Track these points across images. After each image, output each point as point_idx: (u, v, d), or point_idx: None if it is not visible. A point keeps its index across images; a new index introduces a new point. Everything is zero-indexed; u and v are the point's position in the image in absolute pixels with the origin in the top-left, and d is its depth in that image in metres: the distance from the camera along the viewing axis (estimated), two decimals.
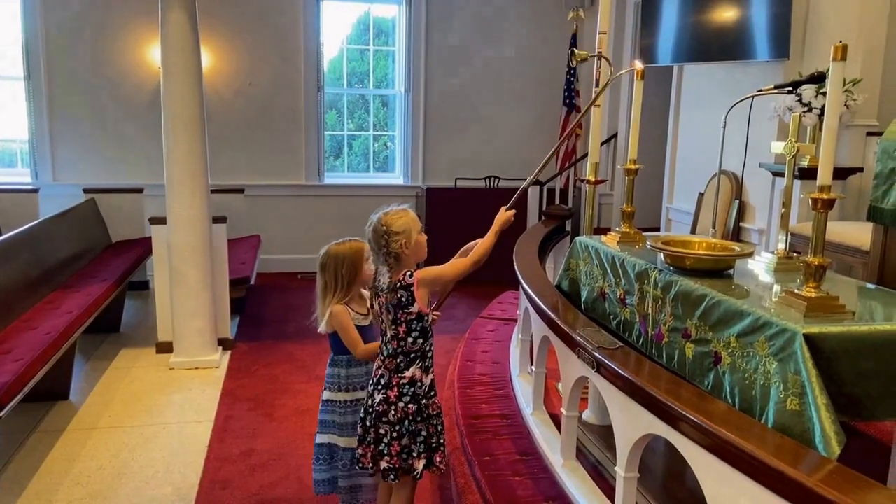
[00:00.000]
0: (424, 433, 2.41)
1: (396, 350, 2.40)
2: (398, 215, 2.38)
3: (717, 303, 2.15)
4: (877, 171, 2.79)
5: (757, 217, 4.99)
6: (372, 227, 2.39)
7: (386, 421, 2.38)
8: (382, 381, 2.42)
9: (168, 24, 4.47)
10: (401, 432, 2.38)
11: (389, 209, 2.41)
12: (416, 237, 2.38)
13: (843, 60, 1.94)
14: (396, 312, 2.36)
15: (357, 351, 2.64)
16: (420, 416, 2.40)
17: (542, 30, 7.64)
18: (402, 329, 2.38)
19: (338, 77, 7.66)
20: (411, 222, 2.38)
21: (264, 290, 6.63)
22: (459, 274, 2.44)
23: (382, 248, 2.35)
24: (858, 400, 1.86)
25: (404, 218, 2.38)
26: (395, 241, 2.34)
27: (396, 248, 2.34)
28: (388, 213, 2.39)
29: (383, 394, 2.40)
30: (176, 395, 4.30)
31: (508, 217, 2.62)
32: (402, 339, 2.39)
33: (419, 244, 2.41)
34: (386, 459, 2.39)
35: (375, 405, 2.41)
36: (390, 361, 2.41)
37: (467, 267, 2.43)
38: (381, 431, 2.39)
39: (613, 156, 7.39)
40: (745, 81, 4.84)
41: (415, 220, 2.41)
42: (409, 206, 2.46)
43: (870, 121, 4.49)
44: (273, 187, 7.35)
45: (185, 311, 4.69)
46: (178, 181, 4.59)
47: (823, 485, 1.47)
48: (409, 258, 2.37)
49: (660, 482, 2.70)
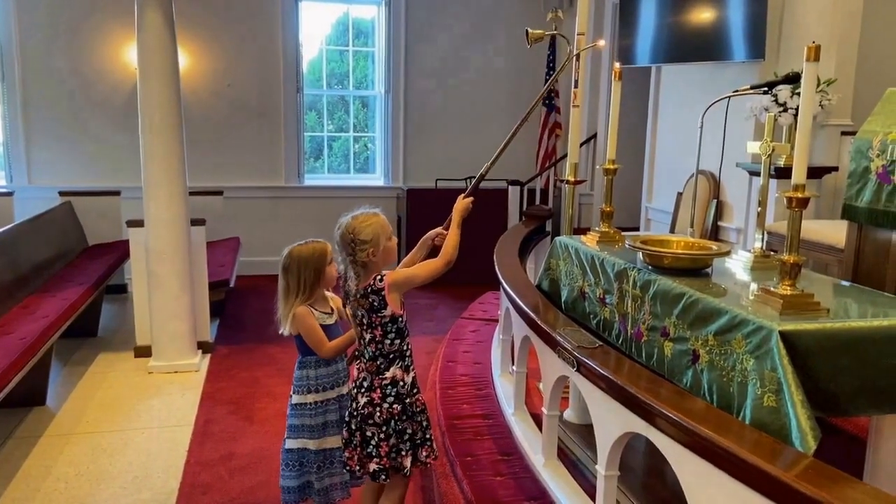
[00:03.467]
0: (410, 431, 2.40)
1: (375, 353, 2.38)
2: (366, 222, 2.31)
3: (695, 301, 2.17)
4: (850, 169, 2.83)
5: (734, 216, 5.04)
6: (339, 232, 2.33)
7: (372, 423, 2.37)
8: (365, 384, 2.40)
9: (144, 25, 4.42)
10: (388, 433, 2.37)
11: (358, 213, 2.34)
12: (384, 244, 2.32)
13: (817, 61, 1.97)
14: (370, 317, 2.34)
15: (322, 350, 2.62)
16: (405, 415, 2.39)
17: (522, 30, 7.65)
18: (379, 332, 2.35)
19: (317, 78, 7.63)
20: (380, 229, 2.32)
21: (244, 293, 6.58)
22: (432, 275, 2.37)
23: (349, 255, 2.31)
24: (834, 396, 1.88)
25: (373, 225, 2.31)
26: (361, 249, 2.29)
27: (363, 257, 2.29)
28: (357, 217, 2.32)
29: (367, 396, 2.38)
30: (155, 399, 4.25)
31: (466, 205, 2.55)
32: (379, 341, 2.36)
33: (388, 251, 2.35)
34: (375, 461, 2.38)
35: (360, 408, 2.39)
36: (370, 364, 2.39)
37: (440, 268, 2.37)
38: (367, 434, 2.38)
39: (593, 156, 7.43)
40: (722, 82, 4.89)
41: (384, 225, 2.34)
42: (381, 210, 2.39)
43: (844, 120, 4.56)
44: (252, 189, 7.30)
45: (163, 314, 4.64)
46: (156, 183, 4.54)
47: (800, 480, 1.49)
48: (376, 265, 2.33)
49: (640, 480, 2.71)
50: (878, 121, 2.77)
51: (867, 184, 2.73)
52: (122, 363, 4.80)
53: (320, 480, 2.65)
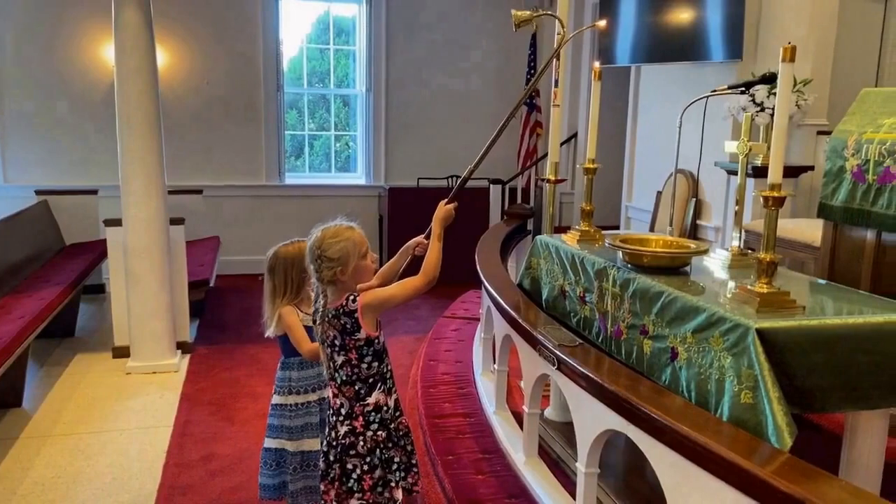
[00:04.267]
0: (398, 458, 2.21)
1: (352, 377, 2.17)
2: (336, 237, 2.10)
3: (674, 299, 2.19)
4: (826, 169, 2.87)
5: (713, 215, 5.09)
6: (308, 244, 2.15)
7: (355, 454, 2.16)
8: (343, 410, 2.18)
9: (122, 23, 4.37)
10: (372, 464, 2.16)
11: (330, 226, 2.14)
12: (355, 264, 2.10)
13: (792, 61, 1.99)
14: (343, 339, 2.13)
15: (303, 348, 2.59)
16: (391, 442, 2.20)
17: (503, 30, 7.68)
18: (354, 356, 2.15)
19: (298, 76, 7.59)
20: (351, 247, 2.09)
21: (224, 293, 6.53)
22: (411, 296, 2.17)
23: (315, 272, 2.12)
24: (809, 392, 1.91)
25: (343, 242, 2.09)
26: (327, 268, 2.08)
27: (329, 276, 2.09)
28: (327, 231, 2.12)
29: (348, 425, 2.17)
30: (133, 400, 4.21)
31: (448, 212, 2.31)
32: (355, 365, 2.16)
33: (360, 270, 2.13)
34: (357, 497, 2.15)
35: (340, 438, 2.17)
36: (348, 389, 2.18)
37: (419, 287, 2.15)
38: (348, 466, 2.16)
39: (574, 155, 7.47)
40: (700, 82, 4.94)
41: (357, 243, 2.12)
42: (357, 223, 2.18)
43: (820, 120, 4.61)
44: (233, 188, 7.24)
45: (142, 314, 4.60)
46: (134, 182, 4.49)
47: (776, 476, 1.51)
48: (346, 284, 2.12)
49: (620, 477, 2.73)
50: (852, 121, 2.81)
51: (842, 183, 2.77)
52: (100, 364, 4.75)
53: (294, 483, 2.64)
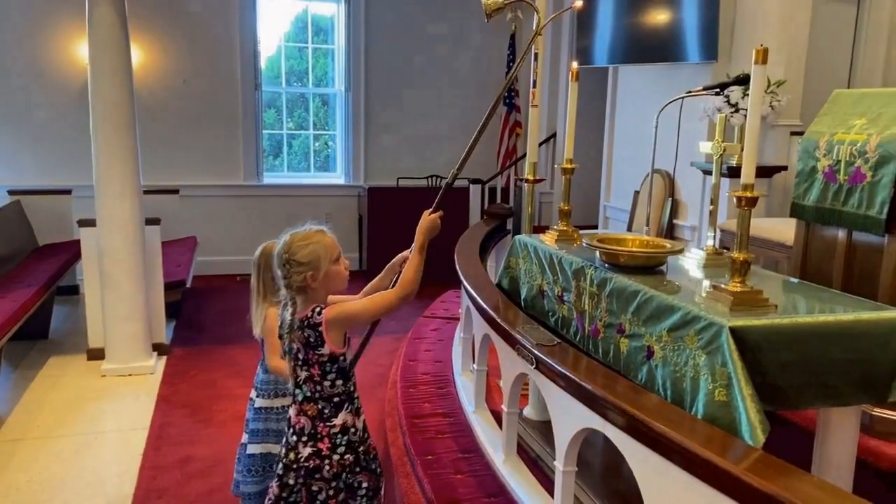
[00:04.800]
0: (366, 484, 2.08)
1: (314, 395, 2.04)
2: (306, 241, 1.97)
3: (650, 298, 2.21)
4: (798, 169, 2.91)
5: (689, 214, 5.15)
6: (276, 251, 2.01)
7: (319, 478, 2.03)
8: (306, 430, 2.04)
9: (96, 20, 4.32)
10: (338, 488, 2.03)
11: (300, 230, 2.01)
12: (326, 268, 1.97)
13: (765, 63, 2.02)
14: (306, 352, 2.01)
15: (269, 360, 2.55)
16: (359, 466, 2.07)
17: (482, 30, 7.70)
18: (316, 371, 2.02)
19: (276, 75, 7.54)
20: (321, 250, 1.97)
21: (201, 293, 6.48)
22: (382, 311, 2.04)
23: (283, 278, 1.98)
24: (782, 390, 1.94)
25: (312, 245, 1.97)
26: (297, 272, 1.95)
27: (299, 281, 1.96)
28: (296, 235, 2.00)
29: (312, 447, 2.03)
30: (108, 403, 4.16)
31: (433, 223, 2.15)
32: (318, 382, 2.03)
33: (332, 276, 2.00)
34: None
35: (302, 461, 2.03)
36: (311, 407, 2.04)
37: (393, 302, 2.01)
38: (313, 489, 2.03)
39: (553, 155, 7.50)
40: (677, 82, 4.98)
41: (328, 246, 1.99)
42: (329, 227, 2.06)
43: (793, 121, 4.68)
44: (210, 188, 7.18)
45: (116, 316, 4.55)
46: (108, 182, 4.44)
47: (749, 473, 1.53)
48: (317, 291, 2.00)
49: (598, 475, 2.75)
50: (824, 121, 2.86)
51: (814, 183, 2.81)
52: (75, 366, 4.69)
53: None
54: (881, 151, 2.53)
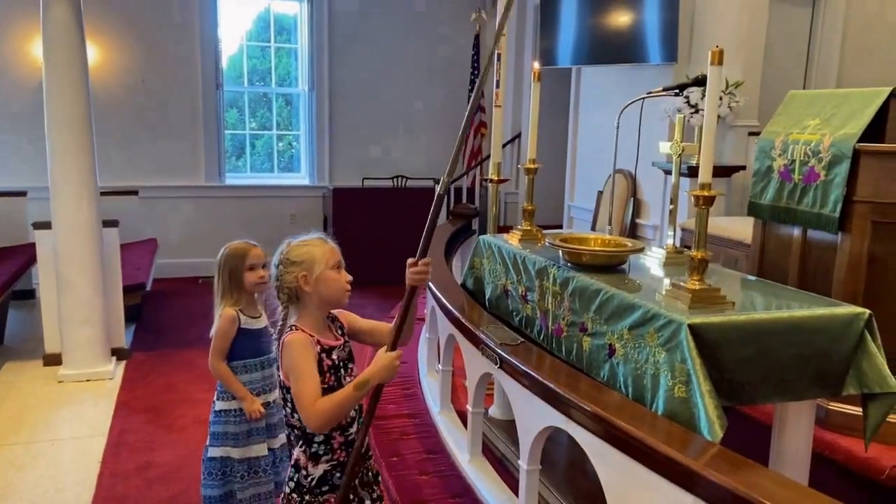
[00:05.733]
0: None
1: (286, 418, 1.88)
2: (303, 244, 1.85)
3: (611, 297, 2.23)
4: (755, 168, 2.97)
5: (651, 214, 5.21)
6: (274, 260, 1.89)
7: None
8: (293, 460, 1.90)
9: (50, 18, 4.21)
10: None
11: (301, 237, 1.88)
12: (321, 271, 1.81)
13: (720, 65, 2.06)
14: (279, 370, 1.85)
15: (212, 358, 2.53)
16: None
17: (447, 30, 7.70)
18: (280, 394, 1.87)
19: (238, 75, 7.44)
20: (318, 253, 1.82)
21: (162, 296, 6.36)
22: (299, 406, 1.76)
23: (276, 281, 1.85)
24: (739, 385, 1.97)
25: (309, 247, 1.83)
26: (289, 272, 1.81)
27: (290, 280, 1.81)
28: (297, 239, 1.88)
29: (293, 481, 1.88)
30: (66, 409, 4.06)
31: (390, 366, 1.85)
32: (282, 405, 1.87)
33: (326, 281, 1.81)
34: None
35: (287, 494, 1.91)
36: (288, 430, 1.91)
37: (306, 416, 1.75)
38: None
39: (518, 155, 7.53)
40: (639, 83, 5.05)
41: (326, 251, 1.84)
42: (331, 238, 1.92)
43: (751, 121, 4.78)
44: (170, 188, 7.05)
45: (73, 320, 4.44)
46: (64, 183, 4.33)
47: (707, 468, 1.56)
48: (310, 298, 1.82)
49: (563, 473, 2.77)
50: (779, 122, 2.92)
51: (770, 182, 2.87)
52: (31, 372, 4.56)
53: (243, 490, 2.59)
54: (834, 151, 2.59)
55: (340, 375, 1.85)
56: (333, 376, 1.83)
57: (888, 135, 2.58)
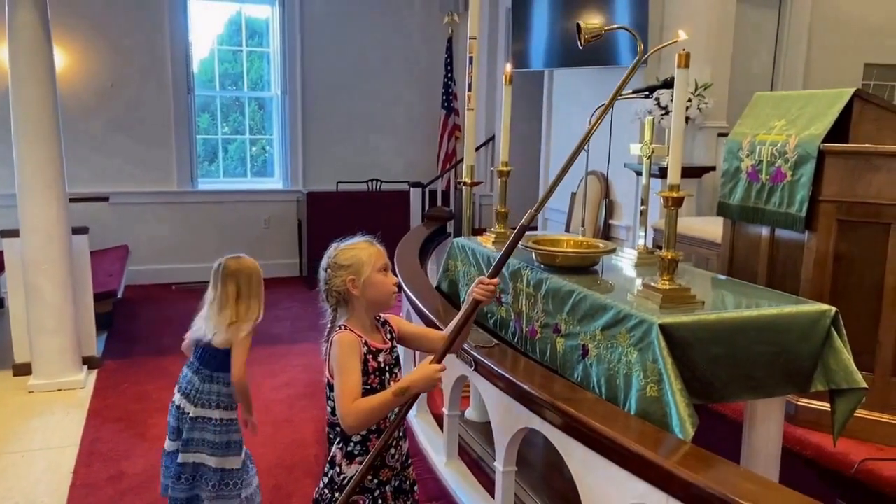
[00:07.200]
0: None
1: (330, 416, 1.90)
2: (350, 248, 1.87)
3: (584, 298, 2.25)
4: (724, 169, 3.01)
5: (624, 215, 5.26)
6: (322, 264, 1.92)
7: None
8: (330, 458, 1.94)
9: (16, 23, 4.14)
10: None
11: (348, 241, 1.91)
12: (369, 274, 1.83)
13: (687, 67, 2.09)
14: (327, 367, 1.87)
15: (237, 372, 2.48)
16: None
17: (419, 33, 7.70)
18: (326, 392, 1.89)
19: (209, 79, 7.37)
20: (365, 256, 1.85)
21: (135, 304, 6.28)
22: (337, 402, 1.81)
23: (325, 285, 1.88)
24: (710, 383, 2.00)
25: (356, 251, 1.86)
26: (337, 276, 1.84)
27: (338, 284, 1.84)
28: (343, 243, 1.91)
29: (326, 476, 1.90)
30: (36, 419, 3.98)
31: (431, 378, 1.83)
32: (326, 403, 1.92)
33: (373, 284, 1.84)
34: None
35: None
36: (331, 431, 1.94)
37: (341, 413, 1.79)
38: None
39: (492, 157, 7.56)
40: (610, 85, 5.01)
41: (373, 254, 1.87)
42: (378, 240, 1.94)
43: (720, 122, 4.84)
44: (142, 194, 6.96)
45: (43, 329, 4.36)
46: (31, 190, 4.26)
47: (679, 466, 1.58)
48: (359, 301, 1.85)
49: (539, 475, 2.78)
50: (747, 123, 2.96)
51: (738, 182, 2.91)
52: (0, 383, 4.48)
53: (214, 500, 2.56)
54: (800, 151, 2.64)
55: (385, 379, 1.87)
56: (378, 379, 1.86)
57: (852, 134, 2.63)
